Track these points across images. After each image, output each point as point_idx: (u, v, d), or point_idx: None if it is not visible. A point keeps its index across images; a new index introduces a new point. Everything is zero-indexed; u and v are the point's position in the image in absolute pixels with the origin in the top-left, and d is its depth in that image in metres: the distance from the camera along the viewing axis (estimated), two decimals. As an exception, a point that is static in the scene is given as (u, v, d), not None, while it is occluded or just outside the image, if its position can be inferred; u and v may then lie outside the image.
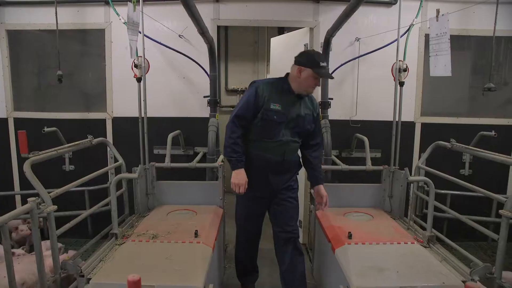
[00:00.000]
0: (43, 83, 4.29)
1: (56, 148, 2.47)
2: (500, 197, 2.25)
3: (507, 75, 4.29)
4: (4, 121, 4.20)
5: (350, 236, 2.53)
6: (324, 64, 2.47)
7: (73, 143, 2.72)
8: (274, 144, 2.53)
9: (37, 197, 2.02)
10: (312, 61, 2.44)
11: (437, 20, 2.41)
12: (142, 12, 2.95)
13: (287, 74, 2.61)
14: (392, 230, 2.78)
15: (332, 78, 2.60)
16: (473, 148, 2.80)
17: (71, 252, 2.90)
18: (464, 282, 2.04)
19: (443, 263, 2.30)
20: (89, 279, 2.05)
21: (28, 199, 1.97)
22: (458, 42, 4.15)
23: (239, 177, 2.48)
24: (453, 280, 2.06)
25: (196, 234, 2.55)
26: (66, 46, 4.01)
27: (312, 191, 2.94)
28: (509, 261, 3.10)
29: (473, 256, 2.37)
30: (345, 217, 3.04)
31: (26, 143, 2.20)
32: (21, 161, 4.18)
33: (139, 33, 2.93)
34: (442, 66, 2.43)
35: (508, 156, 2.34)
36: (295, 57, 2.56)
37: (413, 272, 2.15)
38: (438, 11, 2.40)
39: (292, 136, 2.57)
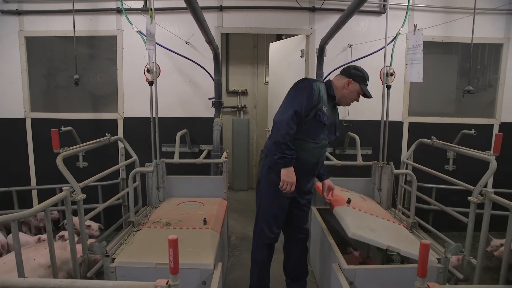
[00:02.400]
0: (58, 85, 4.57)
1: (81, 145, 2.78)
2: (469, 186, 2.57)
3: (491, 78, 4.63)
4: (22, 121, 4.48)
5: (349, 201, 2.92)
6: (368, 83, 2.66)
7: (94, 141, 3.02)
8: (315, 145, 2.59)
9: (70, 187, 2.34)
10: (363, 78, 2.61)
11: (414, 34, 2.73)
12: (155, 23, 3.26)
13: (329, 80, 2.71)
14: (381, 212, 3.14)
15: (371, 97, 2.66)
16: (451, 144, 3.11)
17: (91, 241, 3.21)
18: (438, 259, 2.37)
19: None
20: (114, 259, 2.34)
21: (62, 188, 2.29)
22: (444, 47, 4.49)
23: (291, 175, 2.48)
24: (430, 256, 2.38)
25: (205, 221, 2.86)
26: (80, 51, 4.30)
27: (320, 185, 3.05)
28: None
29: (448, 239, 2.69)
30: (343, 192, 3.37)
31: (58, 140, 2.49)
32: (37, 158, 4.50)
33: (151, 41, 3.23)
34: (415, 73, 2.74)
35: (479, 151, 2.66)
36: (346, 69, 2.68)
37: (398, 241, 2.47)
38: (415, 26, 2.72)
39: (327, 141, 2.71)
